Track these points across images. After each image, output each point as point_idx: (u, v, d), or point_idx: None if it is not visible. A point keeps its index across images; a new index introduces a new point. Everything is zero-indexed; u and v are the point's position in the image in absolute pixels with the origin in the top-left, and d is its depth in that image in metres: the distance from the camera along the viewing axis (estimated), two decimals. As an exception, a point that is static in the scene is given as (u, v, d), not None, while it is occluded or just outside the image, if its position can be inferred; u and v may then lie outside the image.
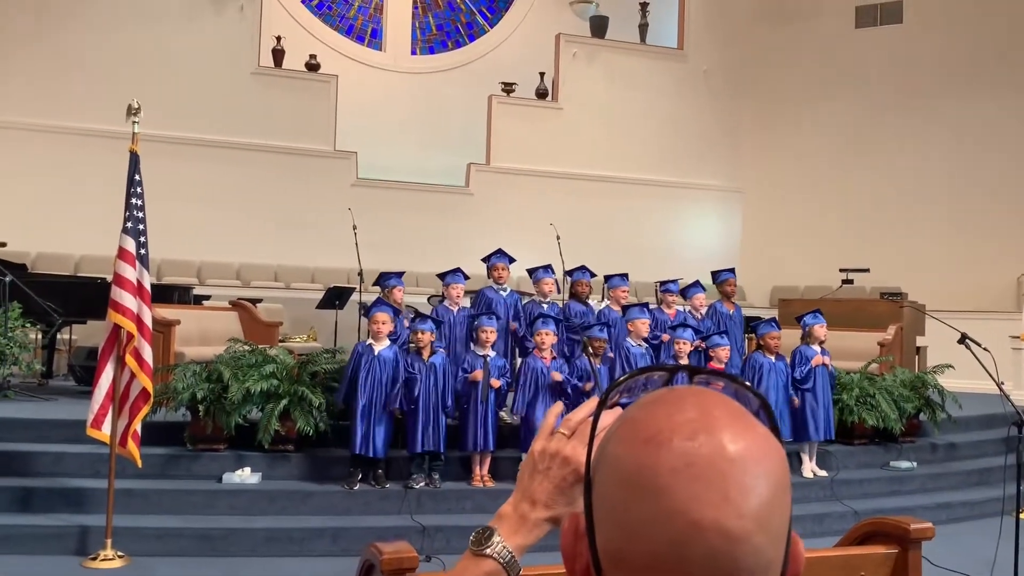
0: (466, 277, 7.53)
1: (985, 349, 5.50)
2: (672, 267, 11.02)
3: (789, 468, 0.71)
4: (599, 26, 15.10)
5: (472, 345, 6.78)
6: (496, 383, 6.44)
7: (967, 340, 5.56)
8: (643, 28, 15.35)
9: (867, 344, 8.98)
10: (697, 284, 8.29)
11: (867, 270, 12.06)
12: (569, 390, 6.56)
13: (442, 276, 7.57)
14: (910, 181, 13.95)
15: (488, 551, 1.03)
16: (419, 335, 6.42)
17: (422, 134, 14.38)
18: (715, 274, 8.55)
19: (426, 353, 6.41)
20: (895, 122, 14.17)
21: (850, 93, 14.54)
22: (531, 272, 7.81)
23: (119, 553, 5.33)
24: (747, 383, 0.77)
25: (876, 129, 14.31)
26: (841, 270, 11.95)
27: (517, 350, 7.51)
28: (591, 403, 0.79)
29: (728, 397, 0.72)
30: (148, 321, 5.50)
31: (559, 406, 1.15)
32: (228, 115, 12.86)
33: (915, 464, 7.67)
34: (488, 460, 6.56)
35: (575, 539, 0.75)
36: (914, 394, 7.85)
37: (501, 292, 7.54)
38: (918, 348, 10.20)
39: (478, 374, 6.39)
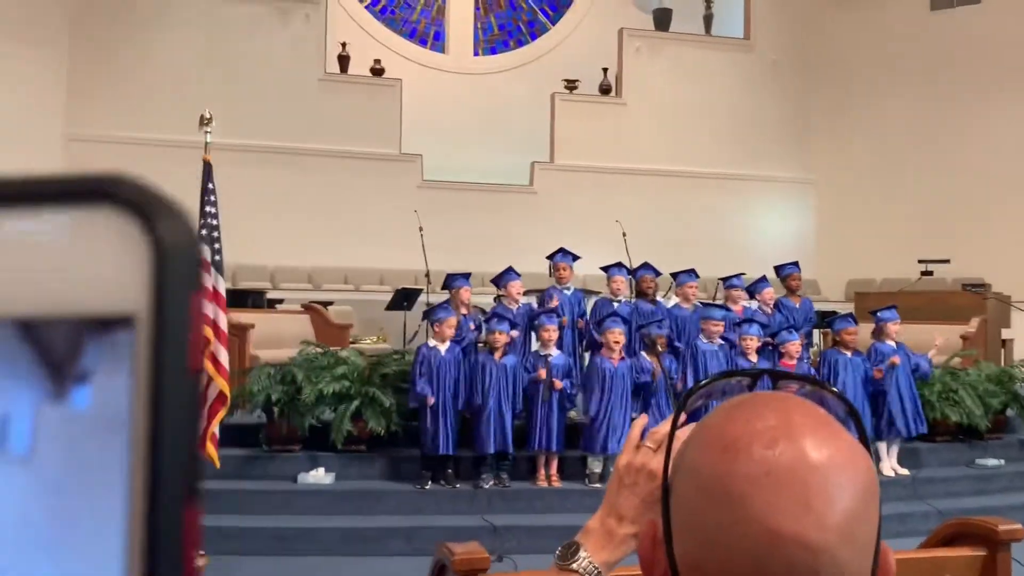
0: (518, 274, 7.48)
1: (1077, 341, 5.26)
2: (744, 262, 10.81)
3: (878, 478, 0.68)
4: (662, 19, 14.94)
5: (534, 344, 6.78)
6: (559, 384, 6.41)
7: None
8: (708, 19, 15.13)
9: (949, 337, 8.67)
10: (764, 279, 8.15)
11: (947, 261, 11.65)
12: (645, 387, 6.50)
13: (496, 281, 7.56)
14: (991, 167, 13.43)
15: (574, 566, 1.02)
16: (496, 335, 6.44)
17: (486, 134, 14.43)
18: (778, 268, 8.40)
19: (499, 354, 6.43)
20: (974, 107, 13.65)
21: (926, 78, 14.06)
22: (605, 270, 7.79)
23: (200, 552, 5.47)
24: (835, 388, 0.74)
25: (954, 115, 13.81)
26: (920, 261, 11.58)
27: (583, 347, 7.47)
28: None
29: (812, 403, 0.70)
30: (224, 326, 5.64)
31: (644, 419, 1.13)
32: (297, 122, 13.12)
33: (1003, 462, 7.38)
34: (555, 460, 6.55)
35: (653, 546, 0.73)
36: (1000, 389, 7.57)
37: (565, 291, 7.52)
38: (1004, 341, 9.83)
39: (542, 373, 6.38)
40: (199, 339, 0.30)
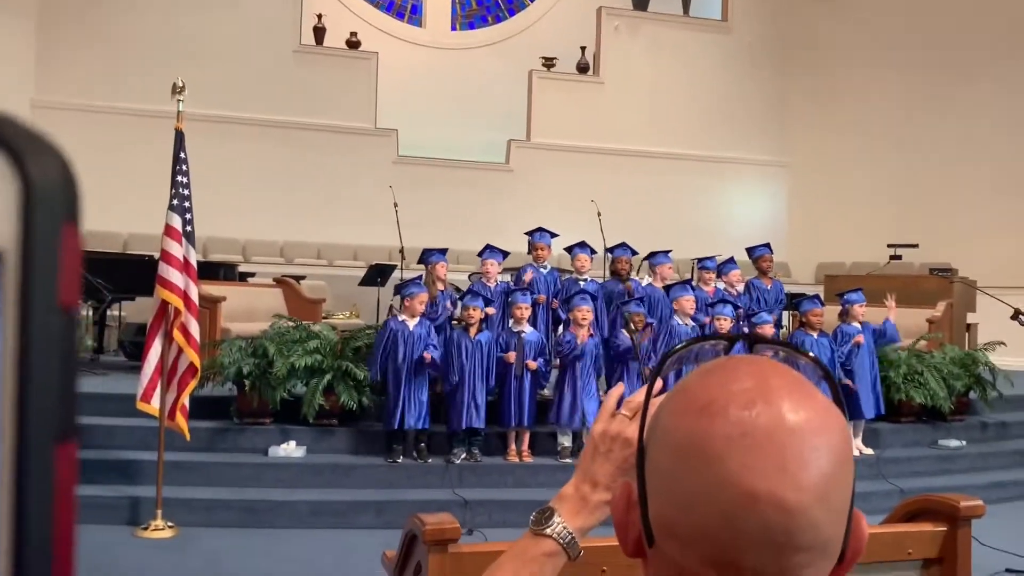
0: (505, 254, 7.51)
1: (1040, 326, 5.36)
2: (716, 243, 10.90)
3: (852, 442, 0.69)
4: (641, -1, 14.90)
5: (508, 322, 6.79)
6: (532, 365, 6.43)
7: (1020, 316, 5.43)
8: (686, 0, 15.11)
9: (915, 321, 8.81)
10: (731, 260, 8.23)
11: (916, 245, 11.81)
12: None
13: (480, 254, 7.59)
14: (961, 153, 13.58)
15: (548, 531, 1.02)
16: (470, 312, 6.44)
17: (462, 110, 14.35)
18: (750, 250, 8.46)
19: (473, 330, 6.43)
20: (946, 92, 13.78)
21: (899, 63, 14.16)
22: (568, 250, 7.80)
23: (169, 523, 5.46)
24: (810, 353, 0.75)
25: (926, 100, 13.94)
26: (889, 245, 11.73)
27: (559, 326, 7.50)
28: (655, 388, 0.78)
29: (788, 367, 0.70)
30: (195, 297, 5.59)
31: (620, 387, 1.14)
32: (271, 94, 12.96)
33: (964, 443, 7.53)
34: (527, 436, 6.59)
35: (627, 508, 0.73)
36: (964, 372, 7.70)
37: (541, 269, 7.54)
38: (968, 325, 9.99)
39: (511, 356, 6.40)
40: (72, 275, 0.30)
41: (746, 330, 7.20)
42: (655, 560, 0.70)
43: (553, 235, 7.66)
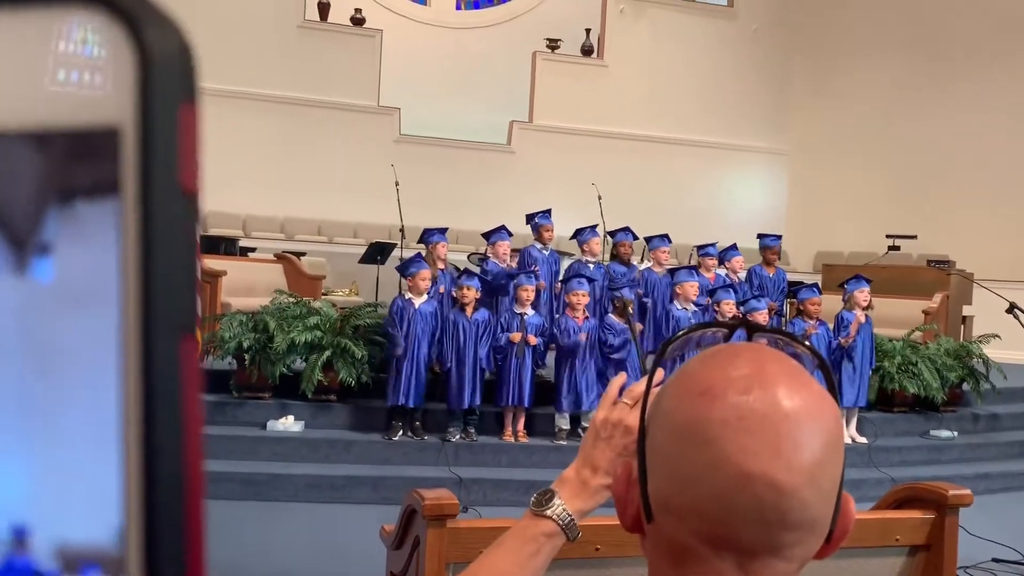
0: (510, 234, 7.54)
1: (1034, 320, 5.41)
2: (716, 230, 10.92)
3: (843, 429, 0.73)
4: (647, -18, 14.82)
5: (512, 304, 6.82)
6: (533, 340, 6.48)
7: (1016, 310, 5.48)
8: (692, -16, 15.04)
9: (912, 312, 8.86)
10: (734, 247, 8.27)
11: (914, 236, 11.83)
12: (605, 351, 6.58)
13: (487, 236, 7.59)
14: (963, 145, 13.57)
15: (548, 512, 1.06)
16: (464, 291, 6.47)
17: (465, 91, 14.30)
18: (761, 237, 8.50)
19: (469, 310, 6.47)
20: (950, 84, 13.75)
21: (904, 53, 14.12)
22: (578, 232, 7.80)
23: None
24: (806, 342, 0.79)
25: (929, 91, 13.91)
26: (888, 236, 11.75)
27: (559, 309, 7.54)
28: (656, 375, 0.82)
29: (784, 354, 0.74)
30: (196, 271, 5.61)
31: (622, 376, 1.18)
32: (274, 68, 12.90)
33: (955, 434, 7.59)
34: (523, 416, 6.64)
35: (628, 486, 0.77)
36: (958, 363, 7.74)
37: (543, 252, 7.57)
38: (964, 317, 10.04)
39: (516, 336, 6.44)
40: (192, 156, 0.27)
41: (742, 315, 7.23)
42: (653, 535, 0.74)
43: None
